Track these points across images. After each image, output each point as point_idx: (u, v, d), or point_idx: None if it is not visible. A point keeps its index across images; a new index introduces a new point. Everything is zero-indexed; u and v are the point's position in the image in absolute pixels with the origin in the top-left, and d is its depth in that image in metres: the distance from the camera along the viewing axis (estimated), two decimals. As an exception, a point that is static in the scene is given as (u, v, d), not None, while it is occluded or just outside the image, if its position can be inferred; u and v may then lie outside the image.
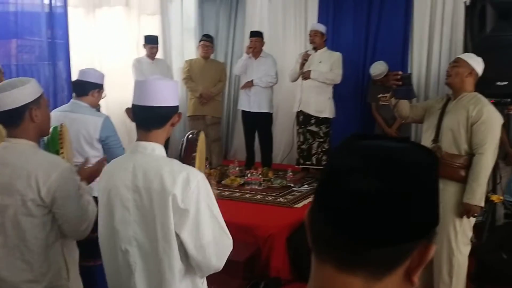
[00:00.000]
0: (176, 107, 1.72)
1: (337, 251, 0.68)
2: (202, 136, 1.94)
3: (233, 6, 6.60)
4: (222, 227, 1.65)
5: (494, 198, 3.64)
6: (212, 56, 5.75)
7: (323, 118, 4.94)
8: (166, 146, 2.13)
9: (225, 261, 1.67)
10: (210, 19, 6.80)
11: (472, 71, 2.84)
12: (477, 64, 2.86)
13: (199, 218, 1.58)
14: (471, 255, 2.98)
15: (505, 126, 4.03)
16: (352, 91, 5.52)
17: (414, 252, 0.68)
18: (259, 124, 5.45)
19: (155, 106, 1.64)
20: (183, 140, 1.95)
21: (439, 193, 0.71)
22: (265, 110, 5.39)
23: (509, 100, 3.73)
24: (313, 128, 4.96)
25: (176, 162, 1.67)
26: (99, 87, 3.00)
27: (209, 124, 5.50)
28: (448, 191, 2.82)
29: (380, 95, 3.39)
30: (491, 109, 2.81)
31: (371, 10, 5.51)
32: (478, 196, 2.75)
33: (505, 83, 3.62)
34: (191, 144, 1.88)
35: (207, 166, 5.31)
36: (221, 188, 4.83)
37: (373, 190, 0.65)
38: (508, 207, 4.03)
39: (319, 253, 0.71)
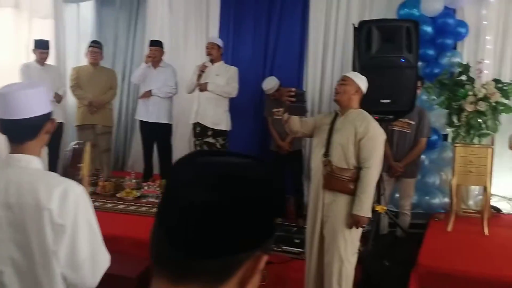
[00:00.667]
0: (48, 115, 1.61)
1: (170, 264, 0.69)
2: (88, 146, 1.86)
3: (133, 13, 6.45)
4: (100, 243, 1.58)
5: (379, 208, 3.87)
6: (109, 64, 5.55)
7: (219, 130, 4.95)
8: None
9: (100, 278, 1.59)
10: (109, 25, 6.58)
11: (358, 89, 3.03)
12: (363, 82, 3.06)
13: (76, 234, 1.49)
14: (358, 263, 3.14)
15: (388, 141, 4.35)
16: (249, 104, 5.63)
17: (247, 262, 0.70)
18: (157, 135, 5.34)
19: (22, 119, 1.53)
20: (68, 151, 1.86)
21: (274, 207, 0.74)
22: (164, 120, 5.30)
23: (391, 117, 4.01)
24: (210, 140, 4.95)
25: (53, 175, 1.57)
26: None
27: (99, 133, 5.27)
28: (338, 204, 2.95)
29: (274, 110, 3.47)
30: (376, 125, 3.00)
31: (270, 26, 5.66)
32: (366, 207, 2.90)
33: (388, 101, 3.86)
34: (77, 155, 1.79)
35: (101, 178, 5.10)
36: (115, 202, 4.66)
37: (201, 204, 0.67)
38: (391, 217, 4.32)
39: (157, 267, 0.71)
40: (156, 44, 5.27)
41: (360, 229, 3.05)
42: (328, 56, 5.46)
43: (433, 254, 3.39)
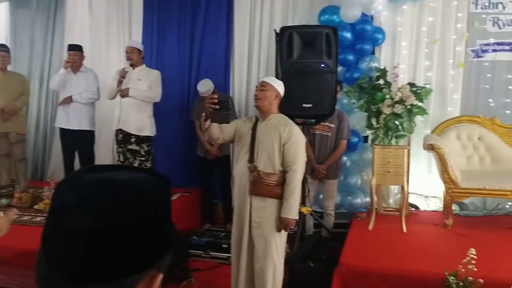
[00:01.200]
0: None
1: None
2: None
3: (51, 15, 6.14)
4: None
5: (304, 210, 3.94)
6: (25, 69, 5.24)
7: (143, 136, 4.83)
8: None
9: None
10: (24, 28, 6.23)
11: (278, 94, 3.09)
12: (281, 87, 3.12)
13: None
14: (285, 265, 3.18)
15: (310, 144, 4.47)
16: (175, 109, 5.55)
17: (141, 283, 0.67)
18: (79, 142, 5.12)
19: None
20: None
21: (171, 222, 0.72)
22: (86, 127, 5.10)
23: (313, 120, 4.10)
24: (134, 147, 4.81)
25: None
26: None
27: (13, 142, 4.94)
28: (268, 209, 2.98)
29: (202, 114, 3.43)
30: (298, 129, 3.08)
31: (195, 30, 5.61)
32: (294, 210, 2.96)
33: (310, 105, 3.96)
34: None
35: (17, 189, 4.82)
36: (33, 214, 4.42)
37: (85, 230, 0.63)
38: (316, 218, 4.42)
39: None
40: (75, 48, 5.05)
41: (287, 232, 3.10)
42: (253, 61, 5.50)
43: (355, 253, 3.50)
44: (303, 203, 3.99)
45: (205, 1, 5.57)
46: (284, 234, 3.07)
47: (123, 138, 4.83)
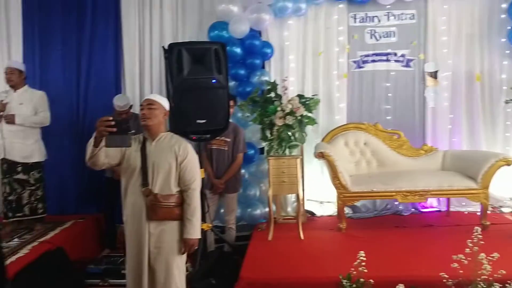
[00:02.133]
0: None
1: None
2: None
3: None
4: None
5: (204, 226, 3.92)
6: None
7: (32, 163, 4.51)
8: None
9: None
10: None
11: (166, 111, 2.98)
12: (167, 104, 3.02)
13: None
14: (187, 284, 3.10)
15: (208, 159, 4.47)
16: (66, 130, 5.27)
17: None
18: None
19: None
20: None
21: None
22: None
23: (208, 136, 4.10)
24: (21, 176, 4.48)
25: None
26: None
27: None
28: (168, 232, 2.87)
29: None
30: (191, 147, 3.00)
31: (81, 49, 5.38)
32: (197, 229, 2.89)
33: (204, 120, 3.95)
34: None
35: None
36: None
37: None
38: (216, 233, 4.42)
39: None
40: None
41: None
42: (145, 78, 5.40)
43: (254, 266, 3.53)
44: (203, 219, 3.97)
45: (91, 16, 5.38)
46: (183, 256, 2.98)
47: (8, 167, 4.49)
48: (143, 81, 5.41)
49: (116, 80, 5.41)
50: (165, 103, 2.98)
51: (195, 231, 2.88)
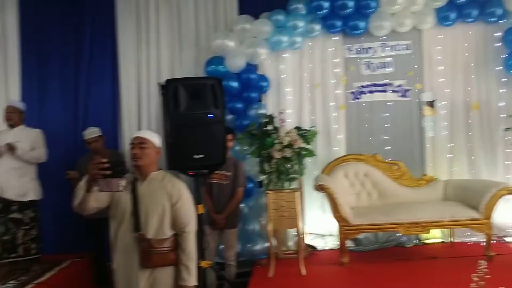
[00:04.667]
0: None
1: None
2: None
3: None
4: None
5: (204, 264, 3.82)
6: None
7: (27, 202, 4.47)
8: None
9: None
10: None
11: (158, 149, 2.82)
12: (159, 141, 2.85)
13: None
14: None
15: (208, 193, 4.42)
16: (62, 167, 5.19)
17: None
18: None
19: None
20: None
21: None
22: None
23: (206, 171, 4.05)
24: (16, 215, 4.43)
25: None
26: None
27: None
28: (161, 279, 2.67)
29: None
30: (185, 186, 2.81)
31: (79, 86, 5.40)
32: (194, 274, 2.68)
33: (201, 155, 3.91)
34: None
35: None
36: None
37: None
38: (216, 270, 4.31)
39: None
40: None
41: None
42: (143, 113, 5.41)
43: (255, 304, 3.44)
44: (202, 256, 3.89)
45: (88, 52, 5.42)
46: None
47: (3, 206, 4.44)
48: (141, 116, 5.42)
49: (114, 116, 5.41)
50: (156, 140, 2.82)
51: (191, 278, 2.67)
